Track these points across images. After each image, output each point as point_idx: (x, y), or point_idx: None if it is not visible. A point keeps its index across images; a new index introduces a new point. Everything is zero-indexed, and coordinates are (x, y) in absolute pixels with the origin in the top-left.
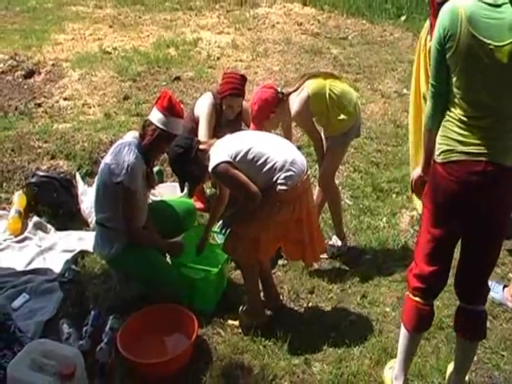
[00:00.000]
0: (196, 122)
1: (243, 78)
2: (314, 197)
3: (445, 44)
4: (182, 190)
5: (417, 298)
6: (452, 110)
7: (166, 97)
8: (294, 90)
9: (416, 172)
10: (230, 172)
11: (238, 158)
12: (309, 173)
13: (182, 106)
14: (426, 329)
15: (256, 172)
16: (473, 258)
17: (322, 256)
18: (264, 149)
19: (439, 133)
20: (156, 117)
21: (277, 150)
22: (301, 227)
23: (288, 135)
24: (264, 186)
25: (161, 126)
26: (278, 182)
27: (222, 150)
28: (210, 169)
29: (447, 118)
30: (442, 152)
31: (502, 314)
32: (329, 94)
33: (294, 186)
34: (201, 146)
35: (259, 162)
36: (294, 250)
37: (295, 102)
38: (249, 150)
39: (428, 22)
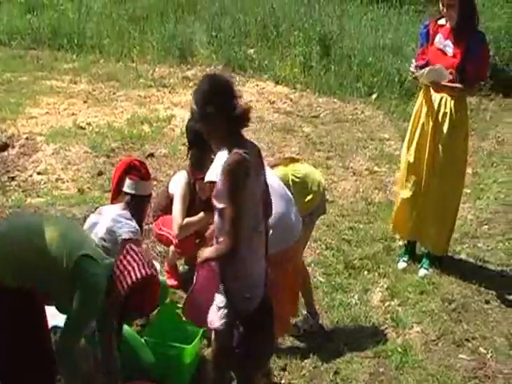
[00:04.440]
0: (171, 199)
1: None
2: None
3: None
4: None
5: None
6: None
7: (130, 166)
8: None
9: None
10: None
11: None
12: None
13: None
14: None
15: None
16: None
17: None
18: None
19: None
20: (127, 185)
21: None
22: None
23: None
24: None
25: (133, 192)
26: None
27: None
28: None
29: None
30: None
31: None
32: (292, 180)
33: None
34: None
35: None
36: None
37: None
38: None
39: None
